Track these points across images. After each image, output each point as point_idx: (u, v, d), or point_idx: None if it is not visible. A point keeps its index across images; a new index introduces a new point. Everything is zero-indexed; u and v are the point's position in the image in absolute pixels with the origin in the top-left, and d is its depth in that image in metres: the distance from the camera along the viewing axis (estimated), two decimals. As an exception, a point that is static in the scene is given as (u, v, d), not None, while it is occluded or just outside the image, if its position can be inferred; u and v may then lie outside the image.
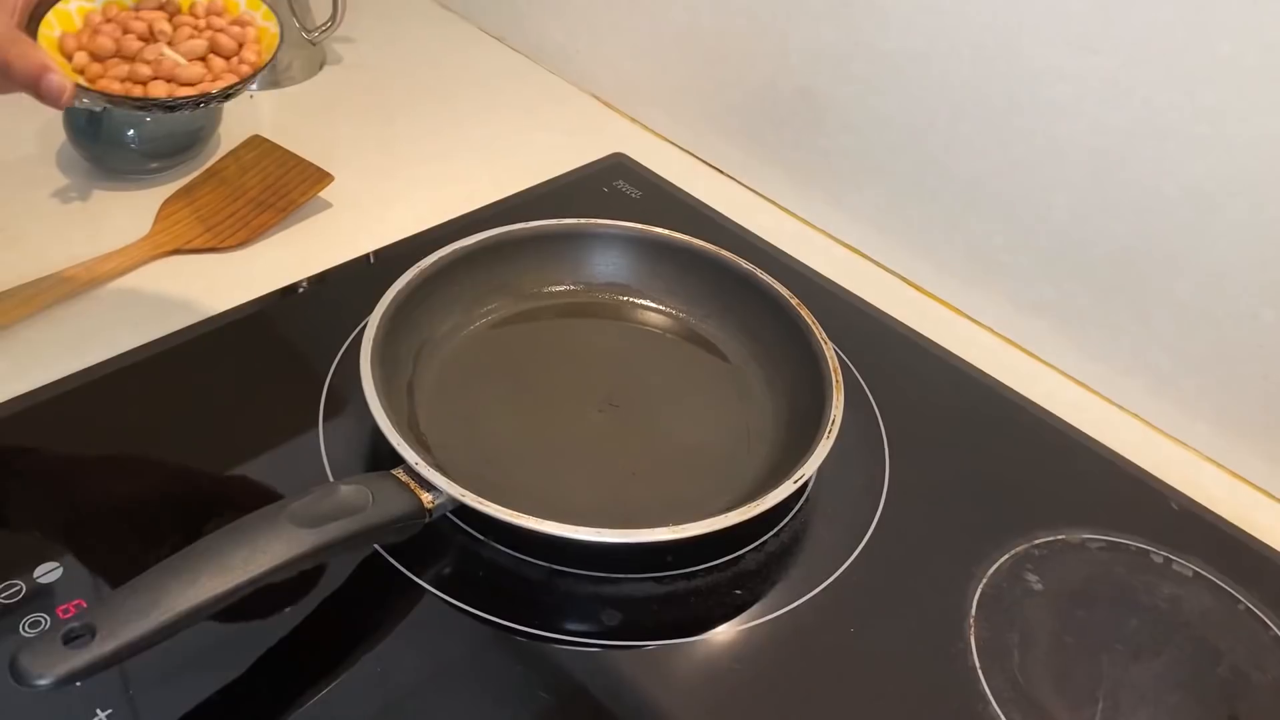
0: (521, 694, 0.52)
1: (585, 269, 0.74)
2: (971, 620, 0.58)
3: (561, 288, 0.74)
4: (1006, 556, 0.61)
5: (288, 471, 0.62)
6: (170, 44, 0.57)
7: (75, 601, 0.52)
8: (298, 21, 0.93)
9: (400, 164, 0.86)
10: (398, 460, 0.56)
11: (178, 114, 0.78)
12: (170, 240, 0.74)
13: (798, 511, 0.62)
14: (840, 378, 0.63)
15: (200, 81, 0.56)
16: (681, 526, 0.54)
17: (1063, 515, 0.64)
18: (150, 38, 0.57)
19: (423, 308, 0.67)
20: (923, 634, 0.57)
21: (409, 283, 0.66)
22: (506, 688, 0.52)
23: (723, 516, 0.55)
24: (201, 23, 0.59)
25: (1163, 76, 0.63)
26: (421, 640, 0.54)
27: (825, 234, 0.85)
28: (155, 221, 0.75)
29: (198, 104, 0.57)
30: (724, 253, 0.72)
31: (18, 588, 0.53)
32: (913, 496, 0.64)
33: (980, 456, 0.68)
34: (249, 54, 0.59)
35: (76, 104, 0.73)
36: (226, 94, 0.57)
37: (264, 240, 0.77)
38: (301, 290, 0.73)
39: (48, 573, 0.54)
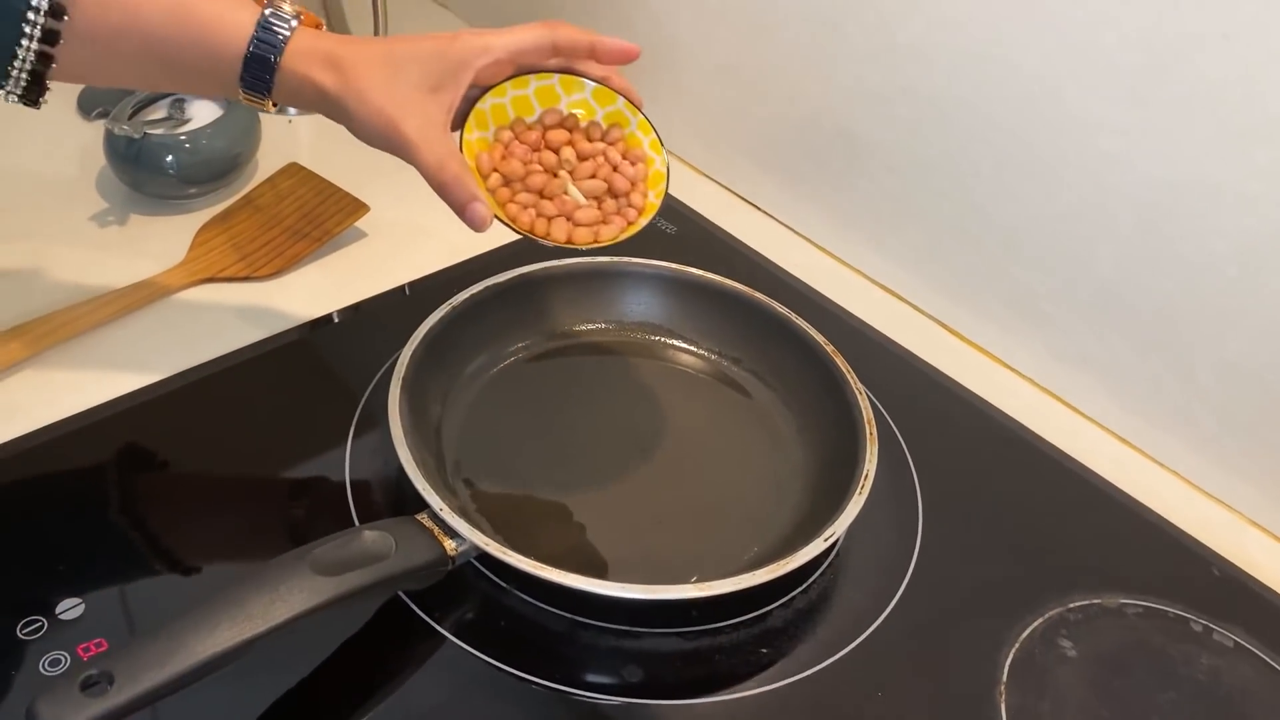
0: (540, 750, 0.51)
1: (617, 307, 0.73)
2: (1002, 687, 0.56)
3: (592, 326, 0.73)
4: (1040, 620, 0.60)
5: (312, 508, 0.61)
6: (572, 175, 0.61)
7: (96, 640, 0.52)
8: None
9: (436, 195, 0.86)
10: (422, 504, 0.55)
11: (219, 143, 0.79)
12: (205, 268, 0.74)
13: (827, 567, 0.61)
14: (875, 430, 0.62)
15: (594, 223, 0.60)
16: (707, 584, 0.53)
17: (1099, 577, 0.62)
18: (556, 167, 0.61)
19: (453, 346, 0.67)
20: (952, 700, 0.55)
21: (439, 320, 0.66)
22: (525, 742, 0.52)
23: (749, 575, 0.54)
24: (599, 149, 0.62)
25: (1215, 133, 0.61)
26: (439, 689, 0.53)
27: (862, 275, 0.84)
28: (191, 248, 0.76)
29: (588, 252, 0.60)
30: (759, 295, 0.71)
31: (39, 624, 0.53)
32: (946, 553, 0.63)
33: (1016, 512, 0.66)
34: (636, 197, 0.61)
35: (116, 131, 0.74)
36: (612, 243, 0.60)
37: (299, 269, 0.77)
38: (335, 321, 0.73)
39: (70, 609, 0.53)
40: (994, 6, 0.68)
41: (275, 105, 0.58)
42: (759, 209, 0.90)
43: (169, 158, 0.77)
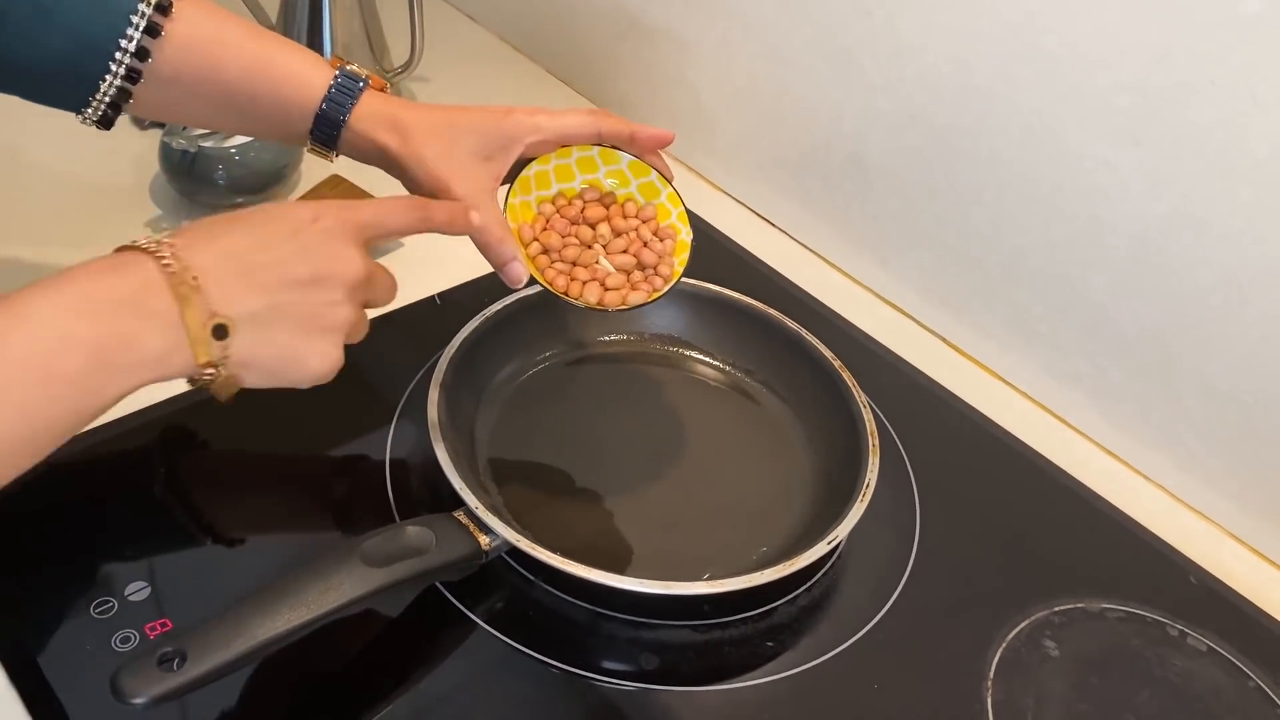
0: (563, 729, 0.56)
1: (639, 320, 0.78)
2: (989, 683, 0.61)
3: (616, 336, 0.78)
4: (1027, 622, 0.64)
5: (356, 504, 0.66)
6: (606, 249, 0.67)
7: (161, 620, 0.57)
8: (376, 62, 0.98)
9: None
10: (458, 501, 0.60)
11: (266, 155, 0.83)
12: (253, 274, 0.79)
13: (830, 568, 0.65)
14: (877, 441, 0.67)
15: (621, 288, 0.66)
16: (719, 582, 0.58)
17: (1084, 583, 0.67)
18: (591, 241, 0.67)
19: (485, 353, 0.71)
20: (943, 694, 0.60)
21: (474, 330, 0.71)
22: (547, 721, 0.57)
23: (758, 574, 0.59)
24: (632, 227, 0.67)
25: (1202, 172, 0.66)
26: (471, 670, 0.58)
27: (871, 291, 0.89)
28: (240, 255, 0.80)
29: (617, 311, 0.66)
30: (772, 311, 0.75)
31: (111, 604, 0.58)
32: (941, 557, 0.67)
33: (1009, 519, 0.71)
34: (664, 268, 0.67)
35: (173, 144, 0.79)
36: (639, 306, 0.66)
37: (339, 277, 0.81)
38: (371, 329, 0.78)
39: (137, 591, 0.58)
40: (999, 47, 0.73)
41: (336, 157, 0.63)
42: (774, 226, 0.95)
43: (219, 169, 0.82)
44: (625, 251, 0.67)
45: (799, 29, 0.85)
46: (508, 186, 0.66)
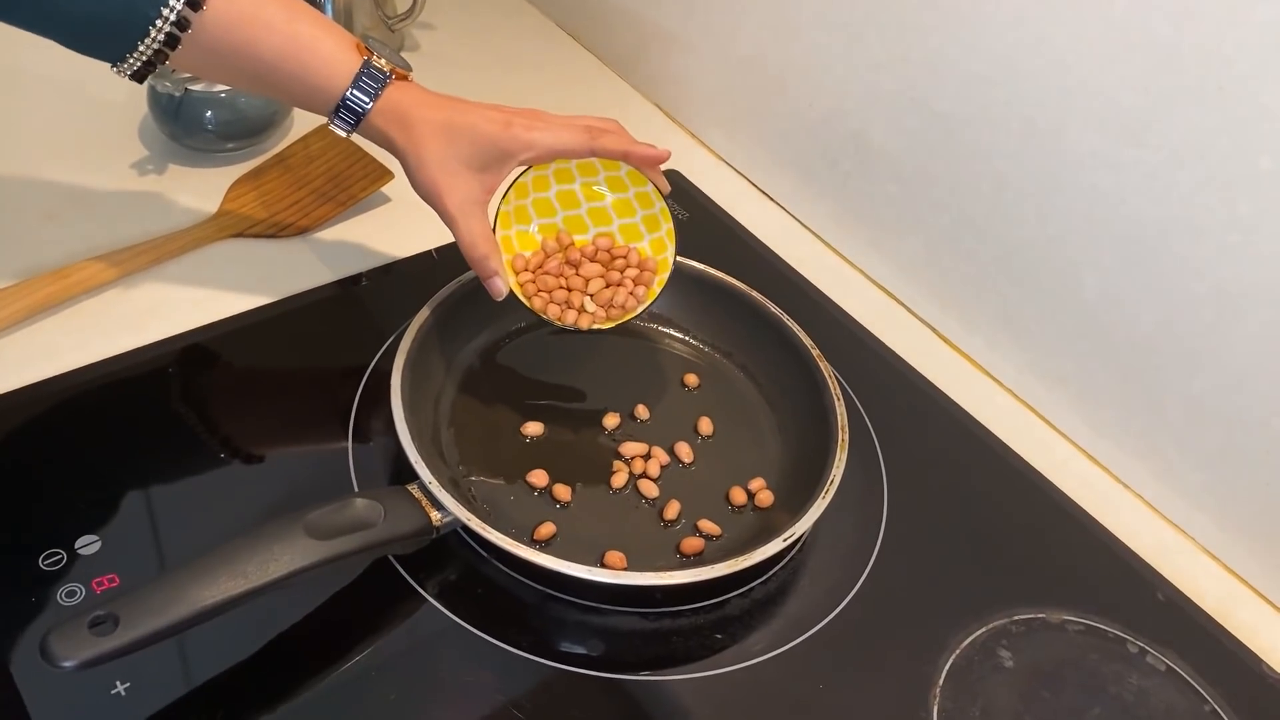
0: (498, 709, 0.56)
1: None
2: (937, 690, 0.60)
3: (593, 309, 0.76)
4: (984, 629, 0.63)
5: (314, 464, 0.66)
6: (594, 297, 0.70)
7: (109, 575, 0.57)
8: (378, 9, 0.96)
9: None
10: (415, 474, 0.59)
11: (257, 101, 0.82)
12: (235, 223, 0.78)
13: (789, 561, 0.65)
14: (847, 437, 0.65)
15: (594, 313, 0.70)
16: (668, 573, 0.58)
17: (1048, 592, 0.66)
18: (582, 288, 0.70)
19: (458, 321, 0.71)
20: (888, 698, 0.59)
21: (447, 296, 0.70)
22: (485, 701, 0.56)
23: (708, 568, 0.58)
24: (627, 278, 0.70)
25: (1202, 180, 0.63)
26: (415, 645, 0.58)
27: (862, 273, 0.87)
28: (223, 202, 0.80)
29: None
30: (754, 294, 0.74)
31: (59, 556, 0.58)
32: (904, 556, 0.66)
33: (978, 521, 0.70)
34: (641, 292, 0.70)
35: (159, 88, 0.78)
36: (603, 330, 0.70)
37: (323, 230, 0.81)
38: (364, 283, 0.77)
39: (88, 545, 0.59)
40: (1005, 34, 0.70)
41: (349, 137, 0.66)
42: (771, 199, 0.93)
43: (208, 114, 0.81)
44: (609, 301, 0.70)
45: None
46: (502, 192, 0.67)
